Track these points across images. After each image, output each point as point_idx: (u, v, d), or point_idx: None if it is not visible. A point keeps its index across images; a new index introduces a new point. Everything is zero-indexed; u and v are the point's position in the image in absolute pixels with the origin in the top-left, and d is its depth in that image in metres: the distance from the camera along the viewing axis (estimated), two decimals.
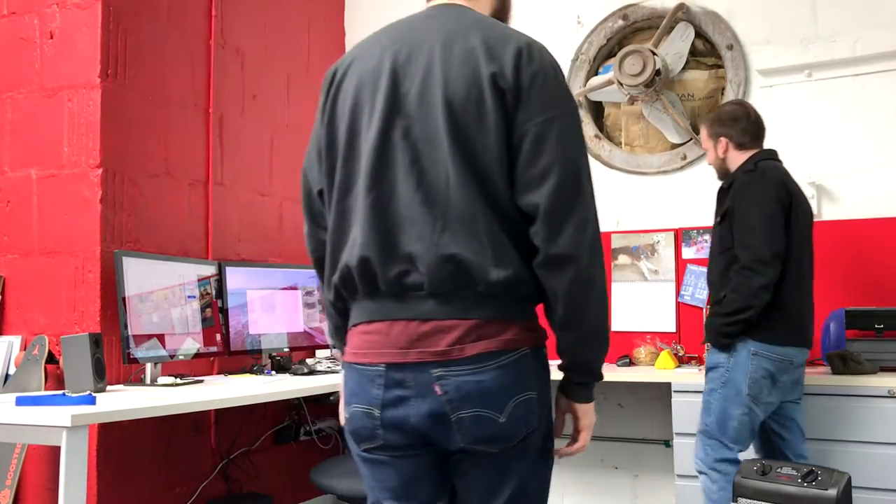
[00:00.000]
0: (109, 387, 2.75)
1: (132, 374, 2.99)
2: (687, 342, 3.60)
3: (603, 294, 1.46)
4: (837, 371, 2.95)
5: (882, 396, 2.80)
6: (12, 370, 2.92)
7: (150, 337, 2.91)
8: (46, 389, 2.81)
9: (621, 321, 3.76)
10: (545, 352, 1.50)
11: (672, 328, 3.67)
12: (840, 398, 2.86)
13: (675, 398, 3.05)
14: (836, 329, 3.12)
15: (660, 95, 3.67)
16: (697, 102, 3.72)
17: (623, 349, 3.64)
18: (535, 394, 1.44)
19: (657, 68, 3.59)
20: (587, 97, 3.89)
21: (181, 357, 3.04)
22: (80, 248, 2.94)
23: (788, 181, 2.74)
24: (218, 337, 3.24)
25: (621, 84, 3.68)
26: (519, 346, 1.43)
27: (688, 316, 3.65)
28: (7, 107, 3.11)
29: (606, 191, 3.82)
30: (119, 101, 3.05)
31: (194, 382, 2.95)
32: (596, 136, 3.89)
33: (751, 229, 2.62)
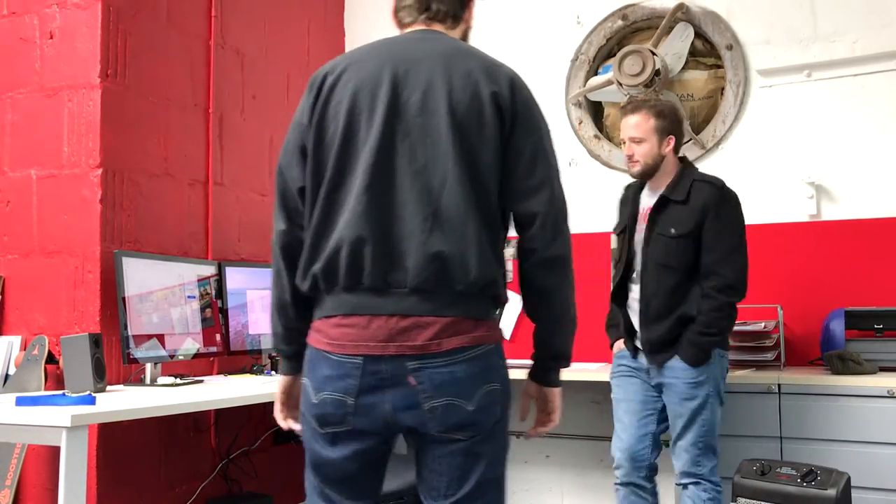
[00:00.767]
0: (109, 387, 2.75)
1: (132, 375, 2.99)
2: None
3: (574, 290, 1.72)
4: (837, 371, 2.95)
5: (882, 396, 2.80)
6: (12, 370, 2.92)
7: (150, 337, 2.91)
8: (46, 389, 2.81)
9: None
10: (503, 350, 1.65)
11: None
12: (840, 398, 2.86)
13: None
14: (836, 329, 3.12)
15: (659, 95, 3.67)
16: (697, 102, 3.72)
17: None
18: (500, 386, 1.59)
19: (657, 68, 3.59)
20: (587, 97, 3.89)
21: (181, 357, 3.05)
22: (80, 248, 2.94)
23: None
24: (218, 337, 3.24)
25: (621, 84, 3.68)
26: (486, 342, 1.58)
27: None
28: (7, 107, 3.11)
29: (606, 191, 3.82)
30: (119, 101, 3.05)
31: (194, 382, 2.95)
32: (595, 137, 3.89)
33: (733, 250, 2.66)
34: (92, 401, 2.27)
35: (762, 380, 2.99)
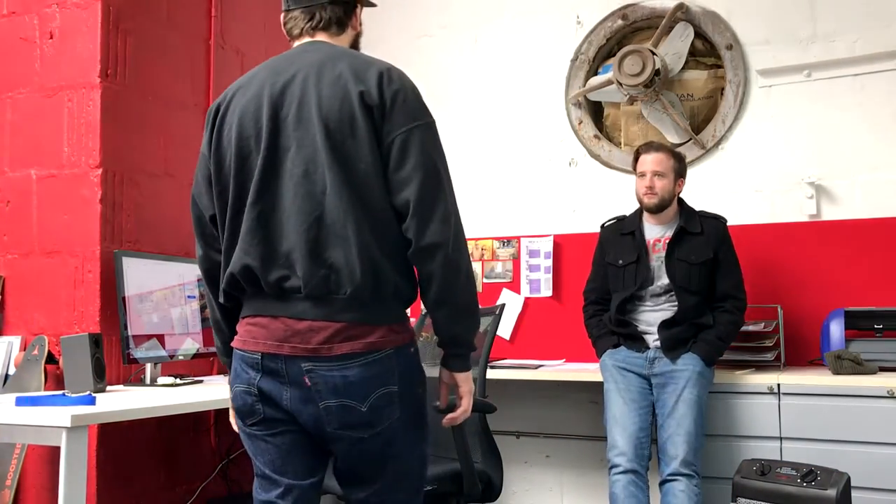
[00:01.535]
0: (109, 387, 2.75)
1: (132, 375, 2.99)
2: None
3: (469, 276, 1.69)
4: (837, 371, 2.95)
5: (882, 396, 2.80)
6: (12, 370, 2.92)
7: (150, 337, 2.91)
8: (46, 390, 2.81)
9: None
10: (412, 349, 1.71)
11: None
12: (840, 398, 2.86)
13: None
14: (836, 329, 3.12)
15: (659, 95, 3.67)
16: (697, 102, 3.72)
17: None
18: (397, 387, 1.65)
19: (656, 68, 3.59)
20: (587, 97, 3.89)
21: (181, 357, 3.05)
22: (80, 248, 2.94)
23: None
24: None
25: (621, 84, 3.68)
26: (383, 347, 1.64)
27: None
28: (7, 107, 3.11)
29: (606, 191, 3.82)
30: (119, 101, 3.05)
31: (194, 382, 2.95)
32: (595, 137, 3.89)
33: (740, 277, 3.11)
34: (92, 401, 2.27)
35: (762, 380, 2.99)
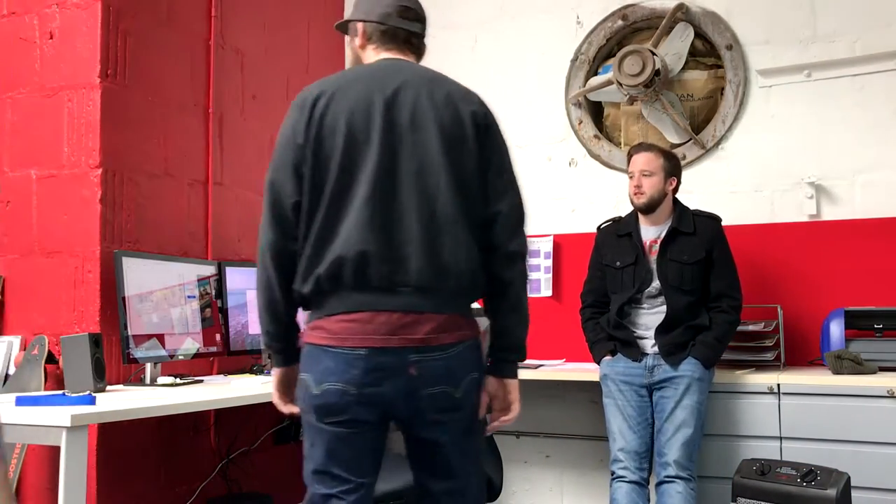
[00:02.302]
0: (109, 387, 2.75)
1: (132, 374, 2.99)
2: None
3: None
4: (837, 371, 2.95)
5: (882, 396, 2.80)
6: (12, 370, 2.92)
7: (150, 337, 2.91)
8: (46, 389, 2.81)
9: None
10: (480, 342, 1.88)
11: None
12: (840, 398, 2.86)
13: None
14: (836, 329, 3.12)
15: (659, 95, 3.67)
16: (697, 102, 3.72)
17: None
18: (478, 375, 1.85)
19: (656, 68, 3.59)
20: (587, 97, 3.89)
21: (181, 357, 3.05)
22: (80, 248, 2.94)
23: None
24: (218, 337, 3.24)
25: (621, 84, 3.68)
26: (470, 338, 1.83)
27: None
28: (7, 107, 3.11)
29: (606, 191, 3.82)
30: (119, 101, 3.05)
31: (194, 382, 2.95)
32: (595, 137, 3.89)
33: (736, 276, 3.08)
34: (92, 401, 2.27)
35: (762, 380, 2.99)
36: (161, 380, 2.93)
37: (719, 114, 3.66)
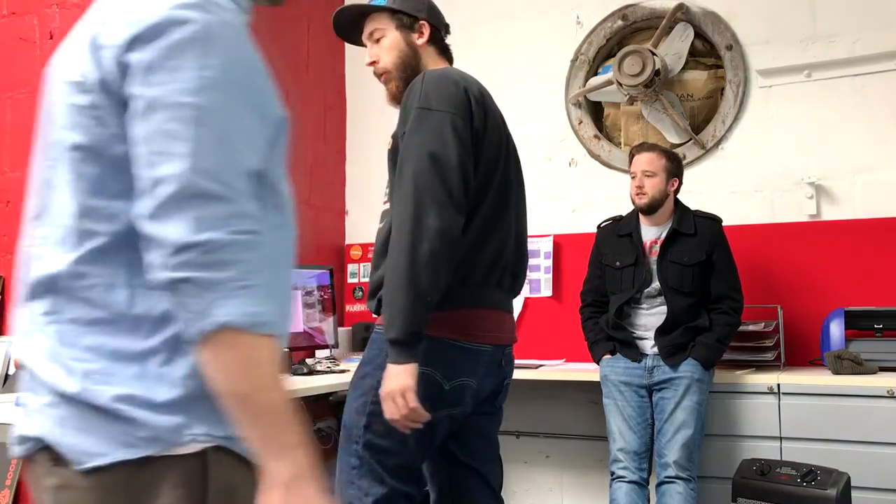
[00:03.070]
0: None
1: None
2: None
3: None
4: (837, 371, 2.95)
5: (882, 396, 2.80)
6: (12, 370, 2.92)
7: None
8: None
9: None
10: None
11: None
12: (840, 398, 2.86)
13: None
14: (836, 329, 3.12)
15: (659, 96, 3.67)
16: (697, 103, 3.72)
17: None
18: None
19: (656, 68, 3.59)
20: (587, 97, 3.89)
21: None
22: None
23: None
24: None
25: (621, 84, 3.68)
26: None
27: None
28: (7, 107, 3.11)
29: (606, 191, 3.82)
30: None
31: None
32: (595, 137, 3.89)
33: (736, 278, 3.08)
34: None
35: (762, 380, 2.99)
36: None
37: (719, 114, 3.66)
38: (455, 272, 1.72)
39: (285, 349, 1.93)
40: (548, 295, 3.83)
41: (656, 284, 3.03)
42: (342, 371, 3.26)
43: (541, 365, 3.53)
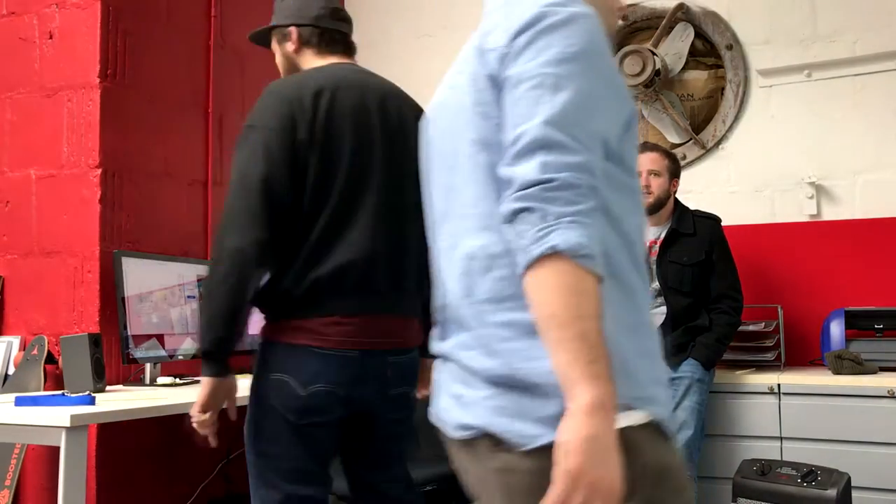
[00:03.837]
0: (109, 387, 2.75)
1: (131, 375, 2.99)
2: None
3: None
4: (837, 371, 2.95)
5: (882, 396, 2.79)
6: (11, 370, 2.92)
7: (150, 337, 2.91)
8: (46, 390, 2.81)
9: None
10: None
11: None
12: (840, 398, 2.86)
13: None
14: (836, 329, 3.12)
15: (659, 95, 3.67)
16: (697, 102, 3.72)
17: None
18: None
19: (657, 68, 3.59)
20: None
21: (181, 357, 3.04)
22: (80, 249, 2.94)
23: None
24: None
25: None
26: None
27: None
28: (7, 107, 3.11)
29: None
30: (119, 101, 3.05)
31: (194, 382, 2.95)
32: None
33: (736, 277, 3.08)
34: (91, 401, 2.26)
35: (762, 380, 2.98)
36: (161, 380, 2.93)
37: (719, 114, 3.65)
38: (302, 280, 1.73)
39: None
40: None
41: (656, 284, 3.03)
42: None
43: None
